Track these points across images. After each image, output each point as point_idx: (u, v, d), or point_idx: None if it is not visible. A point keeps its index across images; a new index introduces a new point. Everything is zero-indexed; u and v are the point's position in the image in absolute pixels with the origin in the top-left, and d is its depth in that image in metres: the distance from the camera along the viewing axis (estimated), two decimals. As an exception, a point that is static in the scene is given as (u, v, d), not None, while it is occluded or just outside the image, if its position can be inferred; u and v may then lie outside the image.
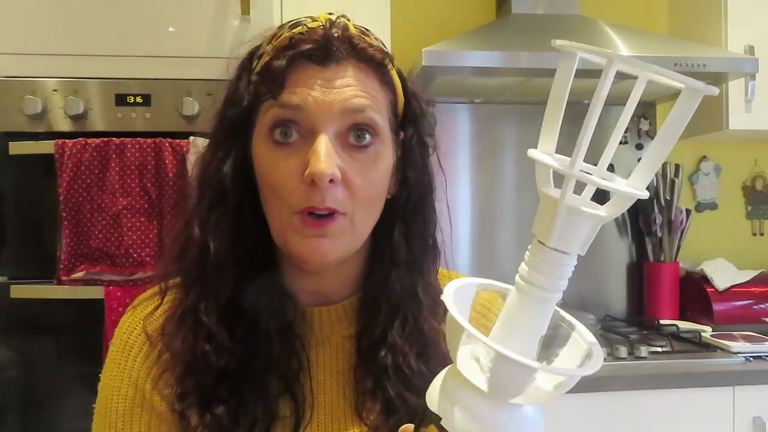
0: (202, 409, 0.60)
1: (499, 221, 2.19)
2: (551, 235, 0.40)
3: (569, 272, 0.41)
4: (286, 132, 0.59)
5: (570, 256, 0.40)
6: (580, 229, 0.40)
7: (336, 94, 0.58)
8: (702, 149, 2.31)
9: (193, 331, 0.61)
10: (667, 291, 2.12)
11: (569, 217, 0.40)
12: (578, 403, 1.57)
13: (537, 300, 0.41)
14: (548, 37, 1.68)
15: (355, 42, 0.60)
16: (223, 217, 0.62)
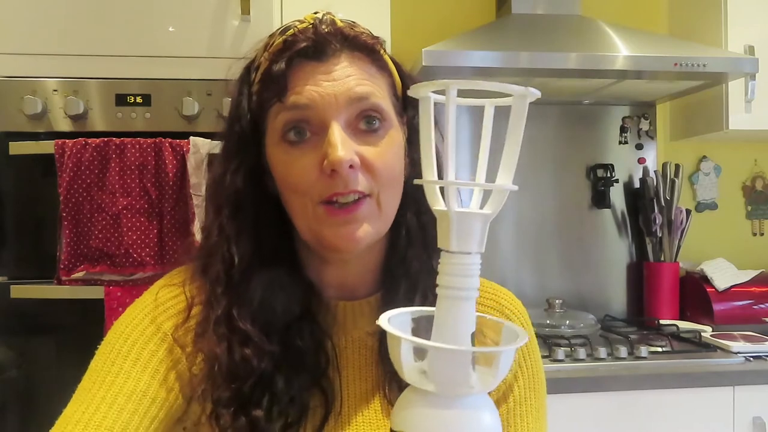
0: (237, 412, 0.60)
1: (499, 221, 2.19)
2: (451, 241, 0.45)
3: (476, 270, 0.45)
4: (299, 132, 0.61)
5: (472, 255, 0.45)
6: (473, 229, 0.45)
7: (339, 86, 0.60)
8: (702, 149, 2.31)
9: (229, 337, 0.62)
10: (667, 291, 2.12)
11: (460, 221, 0.45)
12: (578, 403, 1.57)
13: (455, 299, 0.45)
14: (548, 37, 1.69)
15: (346, 33, 0.63)
16: (243, 226, 0.64)
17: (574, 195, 2.23)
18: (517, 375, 0.72)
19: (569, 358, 1.64)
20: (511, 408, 0.70)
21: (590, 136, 2.24)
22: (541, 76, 1.83)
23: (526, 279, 2.19)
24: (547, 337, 1.76)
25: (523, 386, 0.71)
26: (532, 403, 0.71)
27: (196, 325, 0.65)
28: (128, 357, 0.63)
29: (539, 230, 2.21)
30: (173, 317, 0.66)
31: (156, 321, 0.65)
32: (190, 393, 0.64)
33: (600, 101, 2.19)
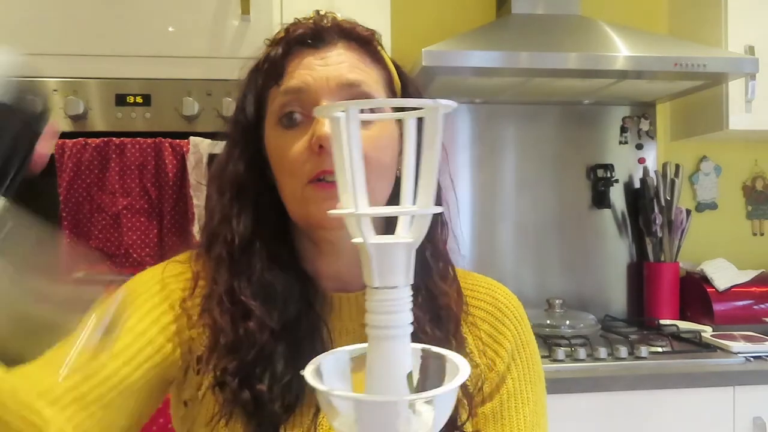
0: (241, 385, 0.62)
1: (499, 221, 2.19)
2: (372, 276, 0.40)
3: (405, 304, 0.40)
4: (292, 116, 0.64)
5: (398, 289, 0.40)
6: (396, 260, 0.40)
7: (332, 70, 0.63)
8: (702, 149, 2.31)
9: (232, 310, 0.65)
10: (667, 291, 2.12)
11: (380, 253, 0.39)
12: (578, 403, 1.57)
13: (385, 340, 0.40)
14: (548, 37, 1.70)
15: (344, 26, 0.66)
16: (244, 207, 0.67)
17: (574, 195, 2.23)
18: (510, 367, 0.72)
19: (569, 358, 1.64)
20: (504, 400, 0.71)
21: (590, 136, 2.24)
22: (541, 76, 1.83)
23: (526, 279, 2.19)
24: (547, 337, 1.76)
25: (516, 378, 0.72)
26: (527, 395, 0.72)
27: (201, 300, 0.67)
28: (137, 308, 0.66)
29: (539, 230, 2.21)
30: (180, 284, 0.69)
31: (163, 282, 0.69)
32: (187, 352, 0.66)
33: (600, 101, 2.19)
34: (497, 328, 0.74)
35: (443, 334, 0.66)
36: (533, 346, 0.76)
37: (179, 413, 0.70)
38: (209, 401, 0.65)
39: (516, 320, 0.76)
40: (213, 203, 0.70)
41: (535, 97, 2.12)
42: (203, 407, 0.66)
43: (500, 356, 0.72)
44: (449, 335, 0.68)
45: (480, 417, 0.70)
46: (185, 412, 0.68)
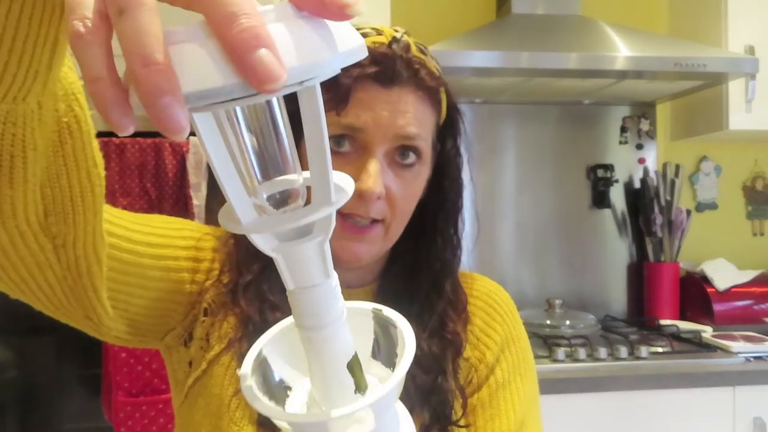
0: None
1: (499, 221, 2.19)
2: (286, 279, 0.37)
3: (330, 299, 0.37)
4: (339, 143, 0.64)
5: (317, 286, 0.37)
6: (309, 259, 0.36)
7: (394, 119, 0.63)
8: (702, 149, 2.31)
9: (260, 300, 0.66)
10: (667, 291, 2.12)
11: (288, 254, 0.36)
12: (578, 403, 1.57)
13: (316, 340, 0.38)
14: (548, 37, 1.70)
15: (417, 68, 0.65)
16: None
17: (574, 195, 2.23)
18: (499, 358, 0.73)
19: (569, 359, 1.64)
20: (494, 390, 0.72)
21: (590, 136, 2.24)
22: (541, 76, 1.83)
23: (526, 279, 2.19)
24: (547, 337, 1.76)
25: (506, 369, 0.73)
26: (518, 386, 0.72)
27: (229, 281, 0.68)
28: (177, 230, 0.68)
29: (539, 230, 2.21)
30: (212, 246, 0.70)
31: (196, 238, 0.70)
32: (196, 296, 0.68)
33: (600, 101, 2.19)
34: (488, 323, 0.75)
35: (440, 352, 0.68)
36: (524, 342, 0.77)
37: (180, 374, 0.69)
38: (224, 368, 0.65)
39: (508, 315, 0.77)
40: None
41: (535, 97, 2.12)
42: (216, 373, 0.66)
43: (490, 348, 0.73)
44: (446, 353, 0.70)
45: (469, 407, 0.71)
46: (188, 372, 0.68)
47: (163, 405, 1.48)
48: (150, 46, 0.24)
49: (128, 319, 0.63)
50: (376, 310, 0.42)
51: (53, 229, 0.48)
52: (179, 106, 0.24)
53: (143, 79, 0.24)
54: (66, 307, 0.55)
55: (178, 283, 0.66)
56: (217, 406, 0.64)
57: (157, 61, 0.24)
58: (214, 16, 0.25)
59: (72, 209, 0.48)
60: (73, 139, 0.46)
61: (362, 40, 0.30)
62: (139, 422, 1.46)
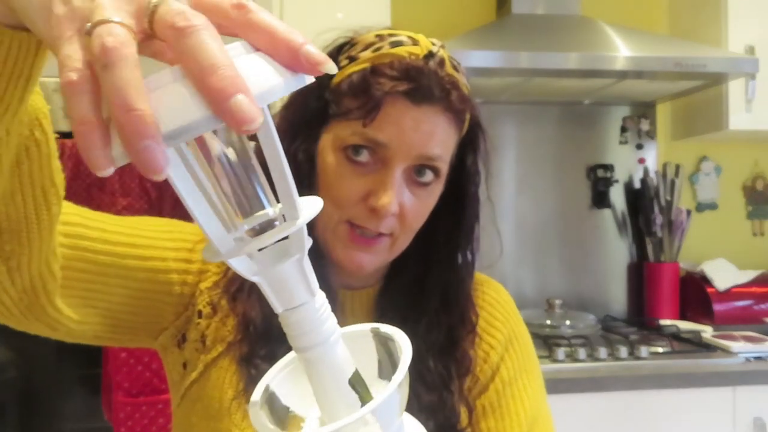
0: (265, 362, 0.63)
1: (500, 221, 2.19)
2: (274, 303, 0.38)
3: (320, 316, 0.38)
4: (358, 151, 0.62)
5: (304, 305, 0.37)
6: (291, 279, 0.37)
7: (419, 139, 0.62)
8: (702, 149, 2.31)
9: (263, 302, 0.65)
10: (667, 291, 2.12)
11: (271, 280, 0.37)
12: (578, 403, 1.57)
13: (314, 360, 0.38)
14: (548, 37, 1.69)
15: (448, 89, 0.64)
16: None
17: (574, 195, 2.23)
18: (504, 357, 0.73)
19: (569, 359, 1.64)
20: (500, 389, 0.71)
21: (590, 136, 2.24)
22: (541, 76, 1.83)
23: (526, 279, 2.19)
24: (547, 337, 1.76)
25: (511, 367, 0.73)
26: (525, 383, 0.72)
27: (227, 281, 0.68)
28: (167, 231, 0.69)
29: (539, 230, 2.21)
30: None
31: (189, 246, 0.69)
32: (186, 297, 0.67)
33: (600, 101, 2.19)
34: (491, 323, 0.75)
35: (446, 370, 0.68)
36: (527, 340, 0.77)
37: (176, 375, 0.69)
38: (223, 371, 0.65)
39: (510, 315, 0.77)
40: None
41: (535, 97, 2.12)
42: (213, 376, 0.66)
43: (493, 347, 0.73)
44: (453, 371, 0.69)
45: (478, 409, 0.70)
46: (183, 374, 0.68)
47: (163, 405, 1.48)
48: (130, 96, 0.26)
49: (111, 318, 0.63)
50: (375, 329, 0.43)
51: (6, 248, 0.49)
52: (158, 148, 0.26)
53: (125, 125, 0.26)
54: (27, 322, 0.56)
55: (166, 284, 0.66)
56: (216, 410, 0.64)
57: (136, 108, 0.26)
58: (195, 67, 0.27)
59: (26, 227, 0.49)
60: (30, 161, 0.47)
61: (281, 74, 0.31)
62: (139, 422, 1.46)
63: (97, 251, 0.60)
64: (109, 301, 0.62)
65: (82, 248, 0.58)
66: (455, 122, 0.66)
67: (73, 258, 0.57)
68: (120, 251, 0.62)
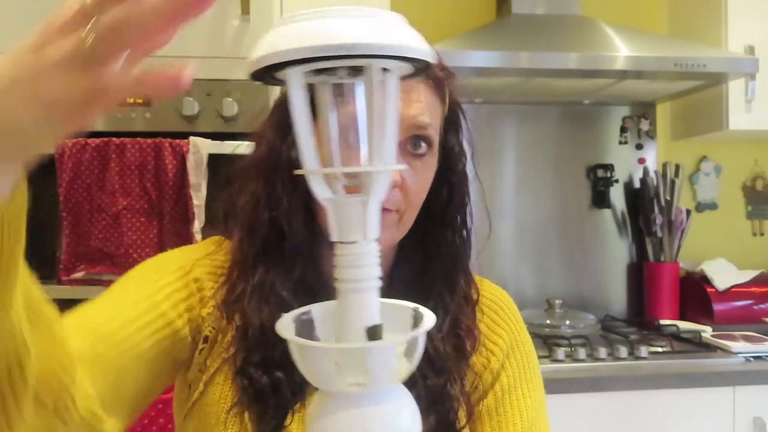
0: (264, 372, 0.64)
1: (499, 221, 2.19)
2: (332, 230, 0.42)
3: (369, 260, 0.42)
4: None
5: (357, 244, 0.42)
6: (353, 216, 0.42)
7: (408, 109, 0.64)
8: (702, 149, 2.31)
9: (269, 304, 0.65)
10: (667, 291, 2.12)
11: (337, 209, 0.42)
12: (578, 403, 1.57)
13: (348, 293, 0.42)
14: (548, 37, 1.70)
15: None
16: (296, 201, 0.67)
17: (574, 195, 2.23)
18: (504, 365, 0.73)
19: (569, 359, 1.64)
20: (499, 396, 0.71)
21: (590, 136, 2.24)
22: (541, 76, 1.83)
23: (526, 279, 2.19)
24: (547, 337, 1.76)
25: (512, 375, 0.73)
26: (524, 392, 0.72)
27: (227, 289, 0.68)
28: (154, 282, 0.67)
29: (539, 230, 2.21)
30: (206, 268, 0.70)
31: (187, 267, 0.69)
32: (196, 331, 0.67)
33: (600, 101, 2.19)
34: (493, 329, 0.74)
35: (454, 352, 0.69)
36: (529, 347, 0.76)
37: (182, 396, 0.70)
38: (220, 387, 0.65)
39: (512, 321, 0.76)
40: (259, 189, 0.68)
41: (535, 97, 2.12)
42: (211, 392, 0.66)
43: (495, 354, 0.73)
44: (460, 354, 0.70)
45: (476, 415, 0.70)
46: (188, 394, 0.68)
47: (162, 405, 1.48)
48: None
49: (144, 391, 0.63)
50: (415, 308, 0.47)
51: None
52: None
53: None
54: None
55: (174, 333, 0.65)
56: (212, 424, 0.65)
57: None
58: None
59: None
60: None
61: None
62: (138, 422, 1.46)
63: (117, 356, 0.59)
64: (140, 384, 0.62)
65: (106, 362, 0.58)
66: (438, 92, 0.68)
67: (101, 378, 0.57)
68: (136, 340, 0.61)
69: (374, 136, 0.41)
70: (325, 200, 0.41)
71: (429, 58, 0.39)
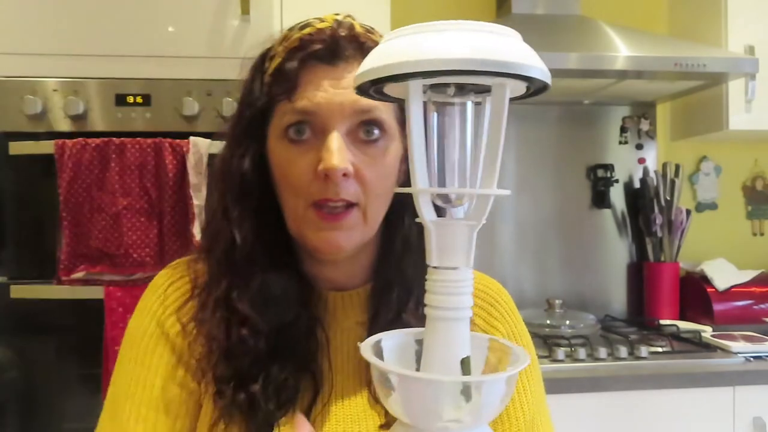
0: (237, 388, 0.63)
1: (499, 221, 2.19)
2: (432, 255, 0.40)
3: (466, 288, 0.40)
4: (299, 130, 0.62)
5: (458, 270, 0.40)
6: (456, 241, 0.40)
7: (346, 95, 0.61)
8: (702, 149, 2.31)
9: (227, 318, 0.65)
10: (667, 291, 2.12)
11: (439, 231, 0.40)
12: (578, 403, 1.57)
13: (441, 321, 0.40)
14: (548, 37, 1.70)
15: (362, 41, 0.64)
16: (246, 211, 0.66)
17: (574, 195, 2.23)
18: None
19: (569, 359, 1.64)
20: None
21: (590, 136, 2.24)
22: (541, 76, 1.83)
23: (526, 279, 2.19)
24: (547, 337, 1.76)
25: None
26: (524, 386, 0.71)
27: (196, 310, 0.67)
28: (143, 365, 0.66)
29: (539, 230, 2.21)
30: (176, 311, 0.68)
31: (160, 321, 0.68)
32: (200, 377, 0.67)
33: (600, 101, 2.19)
34: (489, 322, 0.74)
35: None
36: (527, 339, 0.76)
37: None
38: (208, 404, 0.65)
39: (508, 314, 0.75)
40: (215, 202, 0.69)
41: (534, 97, 2.12)
42: (204, 409, 0.66)
43: None
44: None
45: None
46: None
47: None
48: None
49: None
50: (493, 339, 0.45)
51: None
52: None
53: None
54: None
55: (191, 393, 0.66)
56: None
57: None
58: None
59: None
60: None
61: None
62: None
63: None
64: None
65: None
66: None
67: None
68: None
69: (489, 158, 0.39)
70: (431, 222, 0.39)
71: (549, 81, 0.38)
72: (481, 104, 0.42)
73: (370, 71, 0.37)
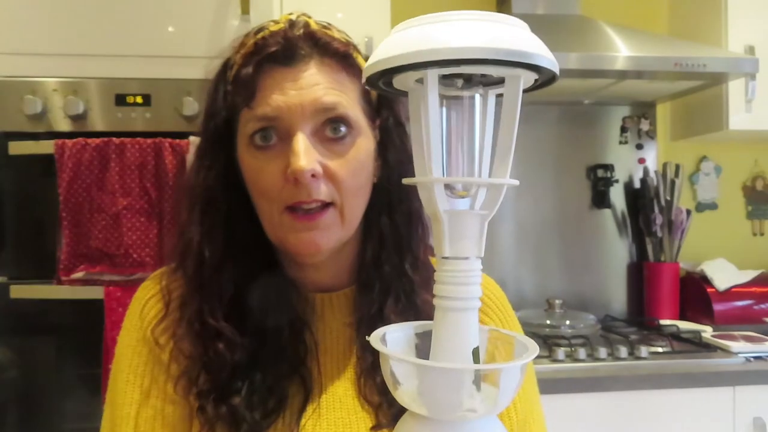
0: (218, 401, 0.62)
1: (499, 221, 2.19)
2: (443, 245, 0.40)
3: (475, 278, 0.40)
4: (265, 136, 0.61)
5: (469, 260, 0.40)
6: (468, 231, 0.40)
7: (306, 95, 0.60)
8: (702, 149, 2.31)
9: (202, 334, 0.64)
10: (667, 291, 2.12)
11: (452, 221, 0.39)
12: (578, 403, 1.57)
13: (452, 311, 0.40)
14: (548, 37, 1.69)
15: (318, 37, 0.63)
16: (215, 224, 0.65)
17: (574, 195, 2.23)
18: None
19: (569, 359, 1.64)
20: None
21: (590, 136, 2.24)
22: (541, 76, 1.83)
23: (526, 279, 2.19)
24: (547, 337, 1.76)
25: None
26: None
27: (174, 326, 0.67)
28: (134, 385, 0.66)
29: (539, 230, 2.21)
30: (155, 327, 0.68)
31: (145, 338, 0.67)
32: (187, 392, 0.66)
33: (600, 101, 2.19)
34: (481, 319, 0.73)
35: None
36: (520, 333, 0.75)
37: None
38: (197, 419, 0.65)
39: (500, 310, 0.75)
40: (184, 218, 0.67)
41: (535, 97, 2.12)
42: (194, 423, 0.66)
43: None
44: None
45: None
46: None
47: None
48: None
49: None
50: (493, 330, 0.45)
51: None
52: None
53: None
54: None
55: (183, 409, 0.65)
56: None
57: None
58: None
59: None
60: None
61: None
62: None
63: None
64: None
65: None
66: (342, 66, 0.63)
67: None
68: None
69: (502, 149, 0.39)
70: (444, 212, 0.39)
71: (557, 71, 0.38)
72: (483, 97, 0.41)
73: (384, 60, 0.36)
